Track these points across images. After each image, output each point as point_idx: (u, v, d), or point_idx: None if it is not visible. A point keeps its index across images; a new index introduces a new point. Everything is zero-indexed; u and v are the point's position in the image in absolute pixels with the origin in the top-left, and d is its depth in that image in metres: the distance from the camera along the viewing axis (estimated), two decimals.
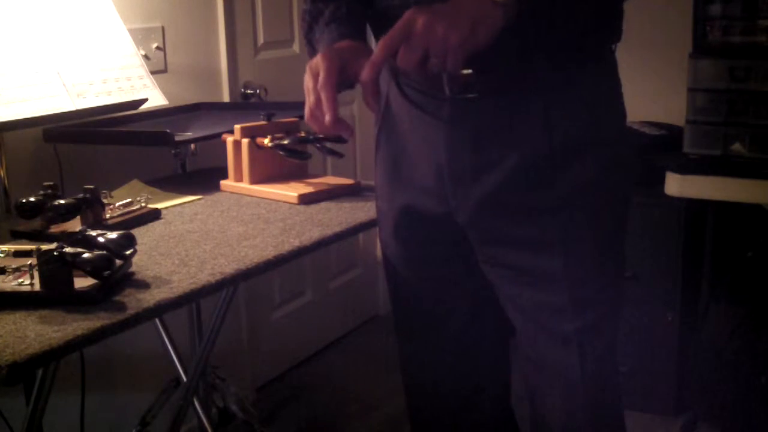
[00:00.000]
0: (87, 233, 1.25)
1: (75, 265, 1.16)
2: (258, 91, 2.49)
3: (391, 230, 1.37)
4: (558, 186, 1.19)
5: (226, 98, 2.41)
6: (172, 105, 2.04)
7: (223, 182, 1.80)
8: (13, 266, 1.24)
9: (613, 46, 1.24)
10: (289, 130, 1.77)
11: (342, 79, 1.12)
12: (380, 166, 1.37)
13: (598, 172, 1.20)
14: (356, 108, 3.07)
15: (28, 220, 1.46)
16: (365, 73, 1.05)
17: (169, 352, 1.99)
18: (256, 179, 1.75)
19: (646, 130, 2.57)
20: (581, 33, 1.16)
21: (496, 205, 1.22)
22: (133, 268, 1.28)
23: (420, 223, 1.32)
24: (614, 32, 1.23)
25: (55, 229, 1.47)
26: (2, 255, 1.31)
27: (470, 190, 1.22)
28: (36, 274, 1.17)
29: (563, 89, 1.17)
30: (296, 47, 2.73)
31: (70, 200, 1.42)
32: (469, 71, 1.16)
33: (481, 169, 1.21)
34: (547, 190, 1.19)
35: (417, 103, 1.26)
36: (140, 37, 2.08)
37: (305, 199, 1.66)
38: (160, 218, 1.59)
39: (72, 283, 1.17)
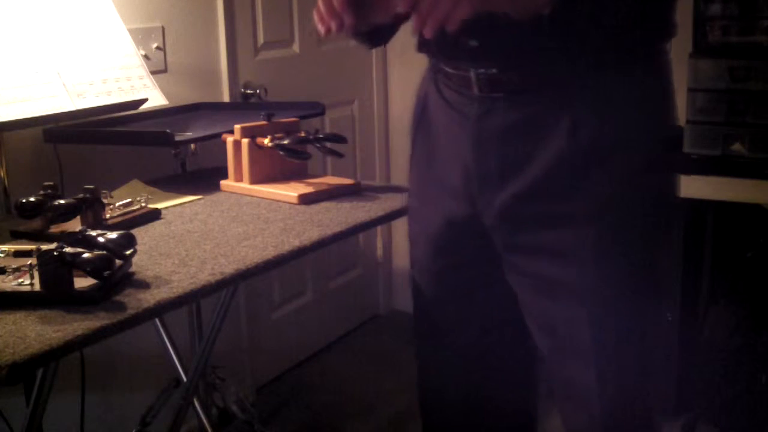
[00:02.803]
0: (87, 233, 1.25)
1: (75, 265, 1.16)
2: (258, 91, 2.49)
3: (419, 229, 1.37)
4: (581, 194, 1.15)
5: (226, 98, 2.41)
6: (172, 105, 2.03)
7: (223, 182, 1.80)
8: (13, 266, 1.24)
9: (666, 45, 1.18)
10: (289, 130, 1.77)
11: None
12: (414, 167, 1.36)
13: (624, 181, 1.15)
14: (356, 108, 3.07)
15: (28, 220, 1.46)
16: None
17: (169, 352, 1.98)
18: (256, 179, 1.75)
19: None
20: (618, 32, 1.11)
21: (518, 210, 1.20)
22: (133, 268, 1.28)
23: (447, 227, 1.31)
24: (661, 29, 1.17)
25: (55, 229, 1.47)
26: (2, 255, 1.31)
27: (495, 193, 1.21)
28: (36, 274, 1.17)
29: (594, 93, 1.13)
30: (296, 47, 2.73)
31: (70, 200, 1.42)
32: (494, 71, 1.15)
33: (505, 171, 1.19)
34: (569, 198, 1.16)
35: (450, 101, 1.25)
36: (140, 37, 2.08)
37: (305, 199, 1.66)
38: (160, 218, 1.59)
39: (72, 283, 1.17)
